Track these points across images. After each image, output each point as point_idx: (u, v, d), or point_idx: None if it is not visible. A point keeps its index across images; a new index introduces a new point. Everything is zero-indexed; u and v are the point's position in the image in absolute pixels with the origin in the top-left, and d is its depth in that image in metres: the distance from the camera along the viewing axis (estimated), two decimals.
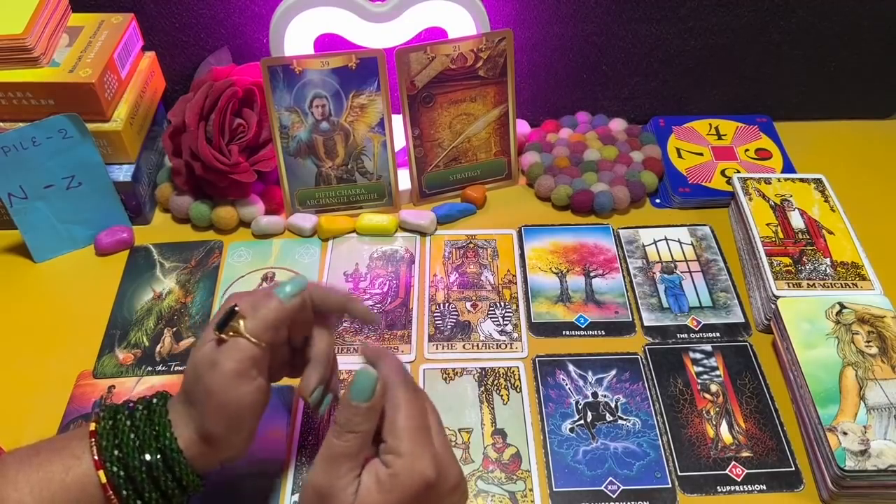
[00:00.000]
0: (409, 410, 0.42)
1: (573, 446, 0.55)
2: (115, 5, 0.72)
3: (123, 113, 0.68)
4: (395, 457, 0.41)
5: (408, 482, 0.40)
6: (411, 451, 0.41)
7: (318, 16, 0.68)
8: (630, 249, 0.70)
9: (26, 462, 0.42)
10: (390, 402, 0.42)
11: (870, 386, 0.54)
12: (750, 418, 0.57)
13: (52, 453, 0.43)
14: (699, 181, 0.75)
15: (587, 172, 0.75)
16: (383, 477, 0.40)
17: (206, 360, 0.43)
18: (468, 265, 0.69)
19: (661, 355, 0.61)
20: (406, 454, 0.40)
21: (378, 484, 0.40)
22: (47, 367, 0.60)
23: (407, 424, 0.41)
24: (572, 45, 0.78)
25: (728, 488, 0.53)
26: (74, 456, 0.42)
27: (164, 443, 0.43)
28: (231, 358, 0.43)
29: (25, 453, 0.43)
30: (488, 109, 0.72)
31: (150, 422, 0.44)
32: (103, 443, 0.42)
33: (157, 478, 0.43)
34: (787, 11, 0.76)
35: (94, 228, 0.70)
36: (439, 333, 0.63)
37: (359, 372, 0.41)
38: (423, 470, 0.40)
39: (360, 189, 0.72)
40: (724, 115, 0.83)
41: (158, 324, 0.64)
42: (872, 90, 0.84)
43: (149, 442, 0.43)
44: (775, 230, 0.66)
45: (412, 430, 0.41)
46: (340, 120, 0.69)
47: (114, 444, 0.42)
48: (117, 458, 0.42)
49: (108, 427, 0.43)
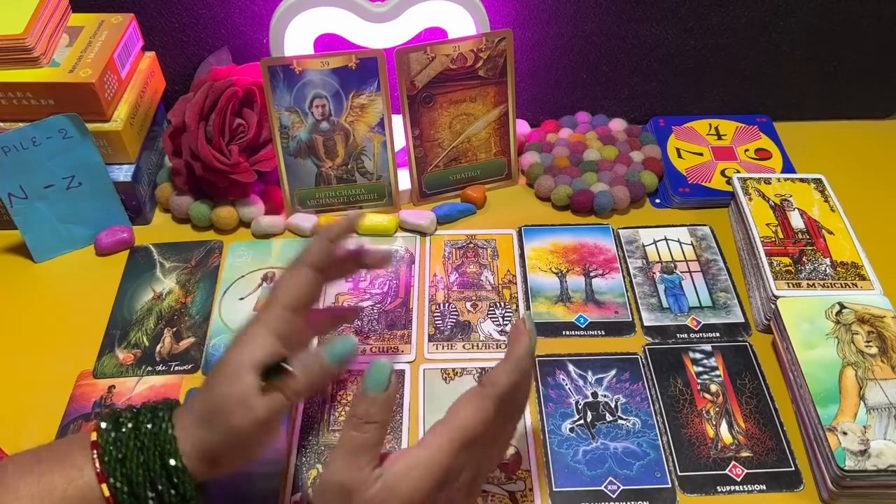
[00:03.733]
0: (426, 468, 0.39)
1: (573, 446, 0.55)
2: (115, 5, 0.72)
3: (123, 113, 0.68)
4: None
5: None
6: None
7: (318, 16, 0.68)
8: (630, 249, 0.70)
9: (28, 470, 0.42)
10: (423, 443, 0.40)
11: (870, 386, 0.54)
12: (750, 418, 0.57)
13: (54, 463, 0.42)
14: (699, 181, 0.75)
15: (587, 172, 0.75)
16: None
17: (241, 399, 0.42)
18: (468, 265, 0.69)
19: (661, 355, 0.61)
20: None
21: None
22: (47, 367, 0.60)
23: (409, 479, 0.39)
24: (572, 45, 0.78)
25: (728, 488, 0.53)
26: (77, 467, 0.42)
27: (168, 460, 0.42)
28: (268, 409, 0.42)
29: (27, 460, 0.43)
30: (488, 109, 0.72)
31: (156, 437, 0.43)
32: (106, 457, 0.42)
33: (161, 492, 0.42)
34: (787, 11, 0.76)
35: (94, 228, 0.70)
36: (439, 333, 0.63)
37: (374, 363, 0.40)
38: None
39: (360, 189, 0.72)
40: (724, 115, 0.83)
41: (158, 324, 0.64)
42: (872, 90, 0.84)
43: (153, 459, 0.42)
44: (775, 230, 0.66)
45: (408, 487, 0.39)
46: (340, 120, 0.69)
47: (116, 459, 0.42)
48: (121, 472, 0.42)
49: (110, 439, 0.43)
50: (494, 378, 0.42)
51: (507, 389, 0.41)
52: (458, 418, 0.40)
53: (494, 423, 0.41)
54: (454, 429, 0.40)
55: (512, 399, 0.43)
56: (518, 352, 0.43)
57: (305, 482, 0.53)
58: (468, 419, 0.40)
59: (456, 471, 0.40)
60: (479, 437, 0.40)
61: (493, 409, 0.41)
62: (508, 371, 0.42)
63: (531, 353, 0.43)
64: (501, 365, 0.42)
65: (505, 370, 0.42)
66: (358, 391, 0.40)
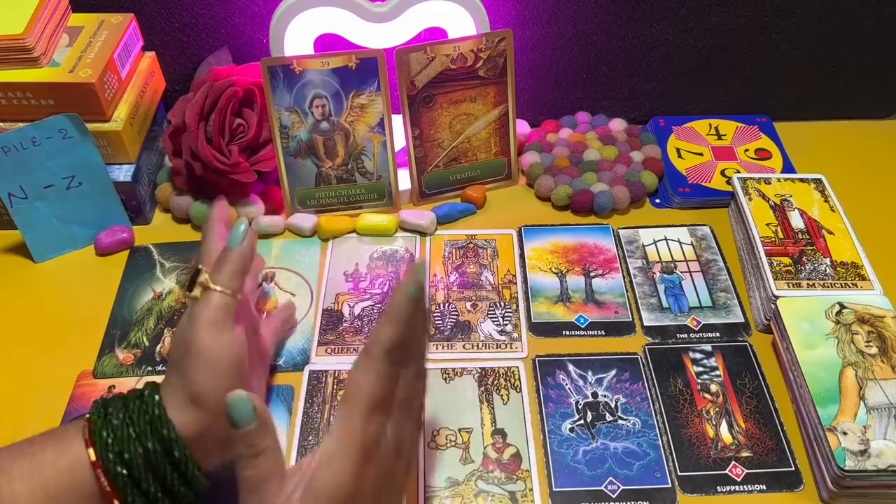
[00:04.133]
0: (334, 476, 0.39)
1: (573, 446, 0.56)
2: (115, 5, 0.72)
3: (123, 113, 0.68)
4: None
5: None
6: None
7: (318, 16, 0.68)
8: (630, 249, 0.70)
9: (20, 452, 0.42)
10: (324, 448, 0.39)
11: (870, 386, 0.54)
12: (750, 418, 0.57)
13: (46, 441, 0.43)
14: (699, 181, 0.75)
15: (587, 172, 0.75)
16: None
17: (184, 322, 0.45)
18: (468, 265, 0.69)
19: (661, 355, 0.61)
20: None
21: None
22: (47, 367, 0.60)
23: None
24: (572, 45, 0.78)
25: (728, 488, 0.53)
26: (67, 439, 0.42)
27: (158, 426, 0.42)
28: (206, 308, 0.45)
29: (21, 444, 0.43)
30: (488, 109, 0.72)
31: (144, 405, 0.44)
32: (95, 427, 0.42)
33: (157, 465, 0.42)
34: (787, 11, 0.76)
35: (94, 228, 0.70)
36: (439, 333, 0.63)
37: (228, 400, 0.39)
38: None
39: (360, 189, 0.72)
40: (724, 115, 0.83)
41: (158, 324, 0.64)
42: (872, 90, 0.84)
43: (142, 427, 0.42)
44: (775, 230, 0.66)
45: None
46: (340, 120, 0.69)
47: (107, 425, 0.42)
48: (111, 440, 0.42)
49: (101, 414, 0.43)
50: (375, 336, 0.40)
51: (393, 343, 0.40)
52: (353, 388, 0.40)
53: (395, 379, 0.41)
54: (353, 400, 0.39)
55: (405, 351, 0.41)
56: (396, 301, 0.40)
57: None
58: (362, 384, 0.39)
59: (373, 439, 0.39)
60: (383, 398, 0.40)
61: (385, 366, 0.40)
62: (388, 324, 0.40)
63: (414, 299, 0.40)
64: (381, 319, 0.40)
65: (384, 324, 0.40)
66: (231, 435, 0.39)
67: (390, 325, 0.40)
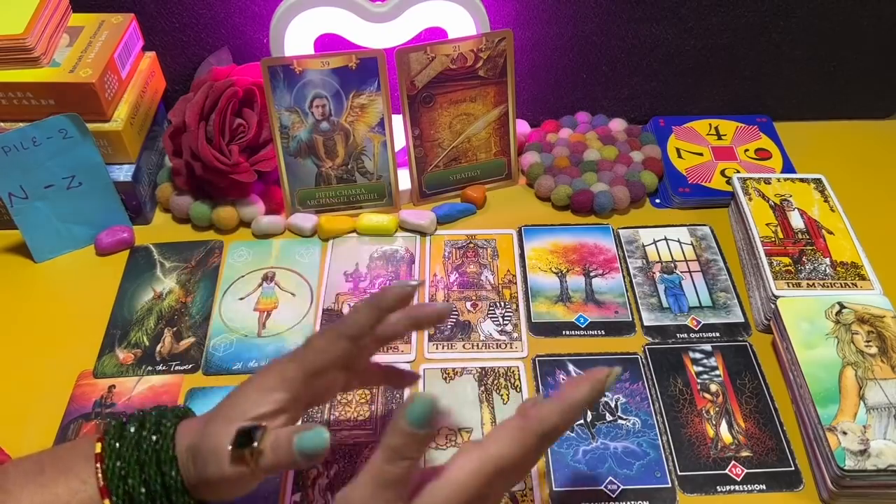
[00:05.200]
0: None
1: (573, 446, 0.56)
2: (116, 5, 0.72)
3: (124, 113, 0.68)
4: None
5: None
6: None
7: (318, 16, 0.68)
8: (630, 249, 0.70)
9: (31, 479, 0.42)
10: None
11: (869, 386, 0.54)
12: (750, 418, 0.57)
13: (58, 474, 0.42)
14: (699, 181, 0.75)
15: (587, 172, 0.75)
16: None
17: (216, 450, 0.42)
18: (468, 265, 0.69)
19: (661, 355, 0.61)
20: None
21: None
22: (47, 367, 0.60)
23: None
24: (572, 45, 0.78)
25: (728, 488, 0.53)
26: (80, 480, 0.42)
27: (168, 481, 0.42)
28: (237, 472, 0.41)
29: (29, 468, 0.42)
30: (488, 109, 0.72)
31: (157, 455, 0.43)
32: (109, 473, 0.42)
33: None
34: (787, 11, 0.76)
35: (94, 228, 0.70)
36: (439, 333, 0.63)
37: (418, 396, 0.36)
38: None
39: (360, 189, 0.72)
40: (724, 115, 0.83)
41: (159, 323, 0.64)
42: (872, 90, 0.84)
43: (154, 477, 0.42)
44: (775, 230, 0.66)
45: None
46: (340, 120, 0.69)
47: (119, 476, 0.42)
48: (123, 490, 0.42)
49: (113, 454, 0.43)
50: (544, 415, 0.39)
51: (553, 431, 0.39)
52: (496, 447, 0.38)
53: (531, 455, 0.40)
54: (490, 457, 0.38)
55: (551, 440, 0.40)
56: (576, 397, 0.40)
57: (306, 482, 0.53)
58: (506, 450, 0.38)
59: (480, 500, 0.38)
60: (511, 470, 0.39)
61: (534, 446, 0.39)
62: (559, 413, 0.39)
63: (589, 405, 0.40)
64: (554, 403, 0.39)
65: (556, 411, 0.39)
66: (396, 422, 0.37)
67: (561, 415, 0.39)
